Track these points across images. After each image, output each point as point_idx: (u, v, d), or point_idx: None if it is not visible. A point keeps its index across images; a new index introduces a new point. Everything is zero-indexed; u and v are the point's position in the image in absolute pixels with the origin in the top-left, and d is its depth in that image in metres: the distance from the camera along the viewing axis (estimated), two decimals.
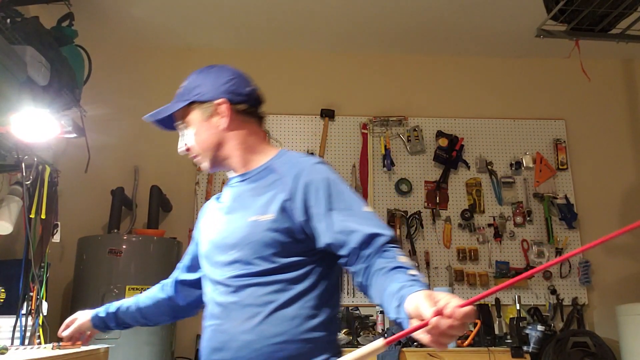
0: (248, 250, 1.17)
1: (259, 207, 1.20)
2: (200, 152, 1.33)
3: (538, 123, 3.99)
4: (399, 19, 3.63)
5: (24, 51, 2.21)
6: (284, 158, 1.28)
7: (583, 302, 3.63)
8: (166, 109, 1.35)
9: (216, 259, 1.24)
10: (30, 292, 2.41)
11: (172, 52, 3.95)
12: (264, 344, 1.11)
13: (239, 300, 1.16)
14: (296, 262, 1.17)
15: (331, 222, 1.13)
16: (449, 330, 0.78)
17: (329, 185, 1.17)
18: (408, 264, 1.02)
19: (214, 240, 1.27)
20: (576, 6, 2.48)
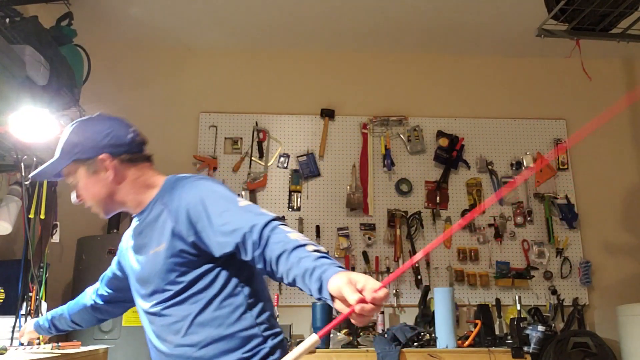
0: (158, 280, 1.30)
1: (155, 239, 1.32)
2: (93, 203, 1.42)
3: (538, 123, 3.98)
4: (399, 18, 3.63)
5: (23, 50, 2.21)
6: (167, 186, 1.38)
7: (584, 303, 3.63)
8: (51, 169, 1.41)
9: (139, 292, 1.38)
10: (30, 293, 2.41)
11: (172, 52, 3.94)
12: (195, 350, 1.25)
13: (165, 322, 1.30)
14: (201, 274, 1.28)
15: (214, 231, 1.22)
16: (370, 313, 0.90)
17: (203, 199, 1.27)
18: (303, 240, 1.09)
19: (133, 277, 1.41)
20: (577, 6, 2.47)
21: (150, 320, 1.34)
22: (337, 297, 0.94)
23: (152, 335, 1.35)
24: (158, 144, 3.73)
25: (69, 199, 3.51)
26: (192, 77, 3.93)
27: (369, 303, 0.89)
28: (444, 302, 3.12)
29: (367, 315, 0.90)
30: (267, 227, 1.14)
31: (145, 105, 3.82)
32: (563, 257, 3.72)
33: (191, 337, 1.25)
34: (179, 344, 1.26)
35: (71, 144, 1.38)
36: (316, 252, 1.05)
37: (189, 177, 1.36)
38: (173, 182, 1.38)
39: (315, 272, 0.99)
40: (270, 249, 1.11)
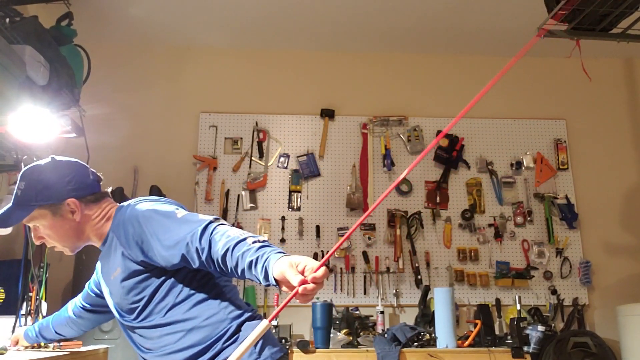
0: (121, 301, 1.41)
1: (113, 266, 1.42)
2: (60, 242, 1.48)
3: (538, 123, 3.98)
4: (399, 18, 3.63)
5: (23, 51, 2.20)
6: (117, 215, 1.47)
7: (583, 303, 3.63)
8: (14, 218, 1.45)
9: (115, 311, 1.49)
10: (30, 293, 2.41)
11: (172, 52, 3.94)
12: (168, 348, 1.35)
13: (143, 334, 1.41)
14: (158, 285, 1.38)
15: (158, 247, 1.29)
16: (312, 292, 0.96)
17: (145, 220, 1.35)
18: (242, 235, 1.15)
19: (110, 300, 1.50)
20: (577, 6, 2.47)
21: (129, 333, 1.46)
22: (281, 282, 1.01)
23: (133, 346, 1.47)
24: (158, 144, 3.76)
25: None
26: (192, 77, 3.93)
27: (310, 283, 0.95)
28: (444, 302, 3.12)
29: (309, 294, 0.96)
30: (206, 231, 1.21)
31: (146, 105, 3.83)
32: (563, 257, 3.72)
33: (164, 339, 1.36)
34: (156, 348, 1.37)
35: (34, 191, 1.43)
36: (256, 242, 1.11)
37: (131, 204, 1.46)
38: (119, 211, 1.48)
39: (259, 262, 1.06)
40: (214, 250, 1.17)
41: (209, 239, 1.19)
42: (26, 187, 1.44)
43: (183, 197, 3.65)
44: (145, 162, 3.71)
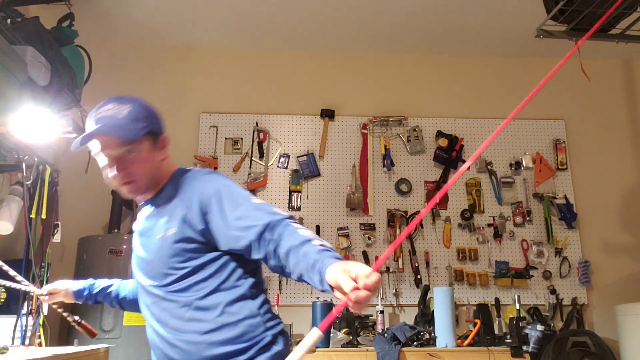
0: (161, 263, 1.31)
1: (163, 224, 1.33)
2: (140, 179, 1.37)
3: (538, 123, 3.99)
4: (399, 19, 3.63)
5: (25, 51, 2.21)
6: (179, 174, 1.42)
7: (582, 302, 3.64)
8: (126, 133, 1.32)
9: (143, 275, 1.38)
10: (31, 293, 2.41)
11: (172, 52, 3.95)
12: (197, 336, 1.26)
13: (167, 307, 1.30)
14: (206, 262, 1.30)
15: (227, 224, 1.24)
16: (365, 300, 0.91)
17: (219, 192, 1.29)
18: (310, 235, 1.12)
19: (137, 259, 1.42)
20: (576, 6, 2.48)
21: (153, 302, 1.34)
22: (335, 287, 0.97)
23: (152, 319, 1.35)
24: None
25: (70, 199, 3.52)
26: (193, 78, 3.94)
27: (362, 289, 0.91)
28: (444, 301, 3.13)
29: (362, 302, 0.91)
30: (280, 224, 1.18)
31: None
32: (562, 256, 3.73)
33: (194, 324, 1.27)
34: (181, 329, 1.27)
35: (144, 115, 1.36)
36: (321, 246, 1.08)
37: (203, 170, 1.42)
38: (185, 172, 1.41)
39: (316, 265, 1.03)
40: (282, 245, 1.14)
41: (281, 232, 1.16)
42: (136, 109, 1.35)
43: None
44: None
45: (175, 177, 1.41)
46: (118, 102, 1.34)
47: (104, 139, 1.32)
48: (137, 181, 1.36)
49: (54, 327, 3.13)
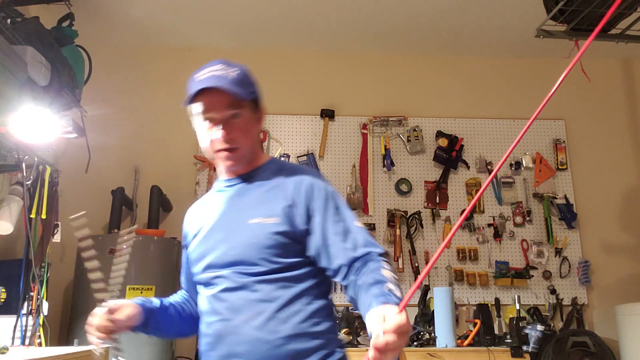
0: (252, 251, 1.20)
1: (262, 210, 1.23)
2: (243, 146, 1.27)
3: (538, 123, 3.99)
4: (399, 19, 3.64)
5: (25, 51, 2.22)
6: (276, 162, 1.36)
7: (582, 302, 3.64)
8: (238, 89, 1.24)
9: (218, 259, 1.25)
10: (31, 292, 2.42)
11: (172, 52, 3.95)
12: (274, 338, 1.14)
13: (249, 297, 1.18)
14: (297, 263, 1.22)
15: (325, 236, 1.20)
16: (383, 347, 0.87)
17: (328, 198, 1.25)
18: (388, 277, 1.08)
19: (213, 239, 1.28)
20: (576, 6, 2.48)
21: (232, 288, 1.21)
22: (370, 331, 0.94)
23: (223, 307, 1.21)
24: (159, 144, 3.77)
25: (69, 199, 3.52)
26: None
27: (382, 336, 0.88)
28: (444, 301, 3.13)
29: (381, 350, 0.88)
30: (373, 260, 1.14)
31: (146, 105, 3.83)
32: (562, 256, 3.73)
33: (273, 323, 1.16)
34: (258, 325, 1.15)
35: (247, 81, 1.31)
36: (388, 290, 1.05)
37: (308, 168, 1.37)
38: (283, 162, 1.37)
39: (370, 306, 1.01)
40: (361, 278, 1.11)
41: (369, 266, 1.12)
42: (244, 73, 1.30)
43: (184, 197, 3.66)
44: (146, 162, 3.72)
45: (273, 164, 1.35)
46: (225, 64, 1.28)
47: (210, 99, 1.24)
48: (240, 149, 1.27)
49: (54, 327, 3.13)
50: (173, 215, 3.65)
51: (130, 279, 2.93)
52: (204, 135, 1.28)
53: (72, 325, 2.93)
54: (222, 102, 1.24)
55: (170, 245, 3.20)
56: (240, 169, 1.32)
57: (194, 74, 1.27)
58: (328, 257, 1.19)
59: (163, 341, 2.98)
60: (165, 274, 3.08)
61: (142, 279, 2.94)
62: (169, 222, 3.62)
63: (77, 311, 2.92)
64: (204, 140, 1.29)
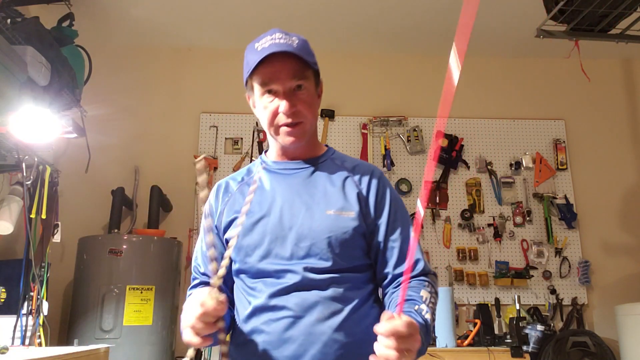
0: (328, 245, 1.11)
1: (338, 201, 1.15)
2: (307, 121, 1.18)
3: (538, 123, 3.99)
4: (399, 19, 3.63)
5: (25, 51, 2.22)
6: (339, 154, 1.27)
7: (582, 302, 3.64)
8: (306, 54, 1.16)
9: (286, 249, 1.12)
10: (31, 292, 2.42)
11: (172, 52, 3.95)
12: (350, 341, 1.07)
13: (321, 295, 1.09)
14: (365, 265, 1.17)
15: (387, 238, 1.16)
16: (384, 353, 0.88)
17: (395, 197, 1.20)
18: (424, 298, 1.07)
19: (280, 228, 1.14)
20: (576, 6, 2.48)
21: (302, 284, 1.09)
22: None
23: (290, 301, 1.09)
24: (159, 144, 3.77)
25: (69, 199, 3.52)
26: (193, 78, 3.94)
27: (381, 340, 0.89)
28: (444, 301, 3.13)
29: (382, 354, 0.88)
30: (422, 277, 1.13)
31: (146, 105, 3.83)
32: (562, 256, 3.73)
33: (349, 324, 1.08)
34: (335, 325, 1.07)
35: (312, 51, 1.21)
36: (416, 310, 1.04)
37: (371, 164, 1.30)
38: (348, 156, 1.28)
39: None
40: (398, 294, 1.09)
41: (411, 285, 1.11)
42: (304, 42, 1.19)
43: (184, 197, 3.66)
44: (146, 162, 3.72)
45: (334, 153, 1.27)
46: (284, 33, 1.17)
47: (273, 69, 1.13)
48: (304, 124, 1.17)
49: (54, 327, 3.13)
50: (173, 215, 3.65)
51: (130, 279, 2.94)
52: (264, 110, 1.17)
53: (72, 325, 2.93)
54: (286, 72, 1.14)
55: (170, 245, 3.20)
56: (301, 150, 1.21)
57: (253, 44, 1.17)
58: (383, 261, 1.15)
59: (163, 341, 2.98)
60: (165, 274, 3.08)
61: (142, 279, 2.94)
62: (169, 222, 3.62)
63: (77, 311, 2.92)
64: (263, 115, 1.18)
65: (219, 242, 1.22)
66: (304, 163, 1.22)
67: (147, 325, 2.88)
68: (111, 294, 2.86)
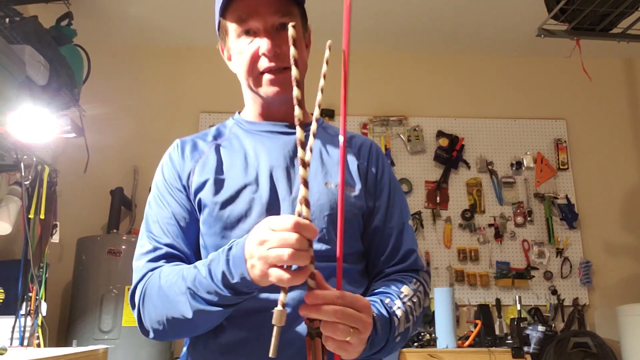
0: (324, 223, 0.91)
1: (337, 174, 0.95)
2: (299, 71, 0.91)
3: (539, 123, 3.98)
4: (399, 18, 3.62)
5: (23, 50, 2.21)
6: (332, 126, 1.09)
7: (584, 303, 3.63)
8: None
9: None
10: (29, 293, 2.41)
11: (172, 52, 3.94)
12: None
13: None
14: (360, 253, 0.99)
15: (384, 224, 0.98)
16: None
17: (394, 177, 1.04)
18: (400, 294, 0.89)
19: (264, 199, 0.93)
20: (577, 5, 2.47)
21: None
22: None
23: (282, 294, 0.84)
24: (158, 144, 3.75)
25: (68, 199, 3.52)
26: (192, 77, 3.93)
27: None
28: (444, 302, 3.12)
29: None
30: (411, 273, 0.96)
31: (146, 105, 3.82)
32: (563, 257, 3.71)
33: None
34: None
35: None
36: (386, 304, 0.86)
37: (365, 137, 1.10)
38: (334, 128, 1.07)
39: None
40: (383, 282, 0.93)
41: (397, 278, 0.93)
42: None
43: None
44: (145, 162, 3.70)
45: (325, 123, 1.07)
46: None
47: (251, 2, 0.95)
48: (296, 74, 0.89)
49: (53, 328, 3.12)
50: None
51: (129, 280, 2.90)
52: (240, 56, 0.98)
53: (70, 326, 2.92)
54: (267, 5, 0.95)
55: None
56: (286, 109, 0.96)
57: None
58: (375, 250, 0.98)
59: (162, 342, 2.97)
60: None
61: None
62: None
63: (76, 312, 2.91)
64: (239, 63, 0.99)
65: (188, 205, 0.97)
66: (290, 127, 1.00)
67: None
68: (110, 294, 2.85)
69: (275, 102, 0.99)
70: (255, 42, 0.96)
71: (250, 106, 1.07)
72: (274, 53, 0.94)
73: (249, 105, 1.08)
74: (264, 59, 0.96)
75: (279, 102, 0.99)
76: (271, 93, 0.97)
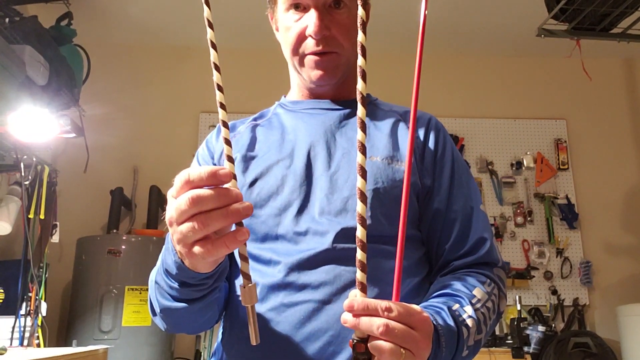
0: (374, 200, 0.81)
1: (385, 148, 0.87)
2: (344, 53, 0.89)
3: (539, 123, 3.98)
4: (399, 18, 3.62)
5: (23, 50, 2.21)
6: (385, 103, 1.02)
7: (584, 303, 3.63)
8: None
9: (306, 202, 0.84)
10: (29, 293, 2.41)
11: (172, 51, 3.94)
12: None
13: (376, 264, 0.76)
14: (414, 237, 0.87)
15: (448, 207, 0.86)
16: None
17: (459, 156, 0.91)
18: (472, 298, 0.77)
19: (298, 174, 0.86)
20: (577, 5, 2.47)
21: (321, 253, 0.79)
22: None
23: (312, 277, 0.78)
24: (158, 144, 3.76)
25: (68, 199, 3.52)
26: (192, 77, 3.92)
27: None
28: None
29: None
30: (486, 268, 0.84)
31: (145, 105, 3.82)
32: (563, 257, 3.71)
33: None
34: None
35: None
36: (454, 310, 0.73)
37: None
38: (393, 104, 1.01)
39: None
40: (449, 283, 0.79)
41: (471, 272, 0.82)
42: None
43: None
44: (145, 162, 3.71)
45: (378, 100, 1.00)
46: None
47: None
48: (340, 56, 0.89)
49: (53, 328, 3.12)
50: None
51: (129, 280, 2.92)
52: (286, 32, 0.91)
53: (70, 326, 2.92)
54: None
55: None
56: (334, 91, 0.93)
57: None
58: (437, 237, 0.86)
59: (162, 342, 2.97)
60: None
61: (140, 280, 2.93)
62: None
63: (76, 312, 2.91)
64: (285, 39, 0.92)
65: None
66: (336, 104, 0.94)
67: (146, 326, 2.87)
68: (110, 294, 2.84)
69: (318, 86, 0.93)
70: (303, 19, 0.89)
71: (294, 86, 1.02)
72: (321, 36, 0.87)
73: (293, 84, 1.03)
74: (311, 41, 0.89)
75: (322, 86, 0.93)
76: (314, 77, 0.91)
